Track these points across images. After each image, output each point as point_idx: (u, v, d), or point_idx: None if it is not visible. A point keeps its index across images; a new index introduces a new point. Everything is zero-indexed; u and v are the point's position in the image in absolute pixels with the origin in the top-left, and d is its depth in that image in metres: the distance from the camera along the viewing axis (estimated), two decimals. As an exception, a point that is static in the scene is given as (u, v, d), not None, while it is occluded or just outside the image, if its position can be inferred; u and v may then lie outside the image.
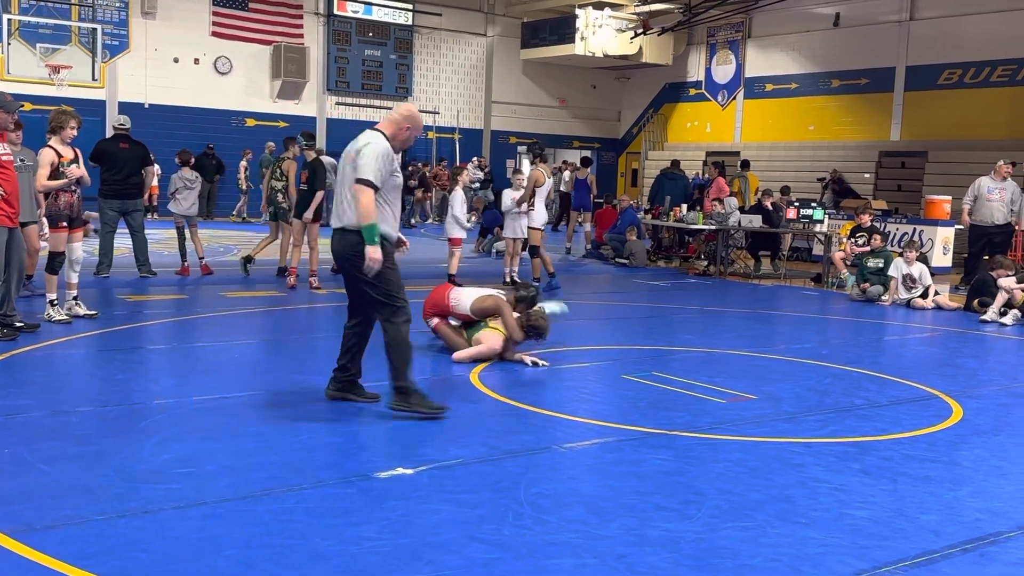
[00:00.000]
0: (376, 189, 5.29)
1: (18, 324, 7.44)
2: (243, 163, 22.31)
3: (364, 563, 3.45)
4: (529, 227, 11.85)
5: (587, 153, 26.16)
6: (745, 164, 21.09)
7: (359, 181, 5.27)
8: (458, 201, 11.69)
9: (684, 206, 16.01)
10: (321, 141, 23.78)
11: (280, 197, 11.71)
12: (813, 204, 15.49)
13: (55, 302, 8.16)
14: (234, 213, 22.45)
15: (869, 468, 4.88)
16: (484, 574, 3.40)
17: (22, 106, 7.92)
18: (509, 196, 12.03)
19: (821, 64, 24.15)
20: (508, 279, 11.83)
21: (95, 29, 19.78)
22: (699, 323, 10.11)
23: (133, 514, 3.81)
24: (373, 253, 5.23)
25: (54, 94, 19.17)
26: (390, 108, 25.84)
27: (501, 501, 4.14)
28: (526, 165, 23.20)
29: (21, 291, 8.11)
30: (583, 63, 27.07)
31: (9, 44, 18.82)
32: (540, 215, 11.88)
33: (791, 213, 14.83)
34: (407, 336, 5.47)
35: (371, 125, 5.61)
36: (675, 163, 19.00)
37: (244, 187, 22.38)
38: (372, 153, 5.32)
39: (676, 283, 13.51)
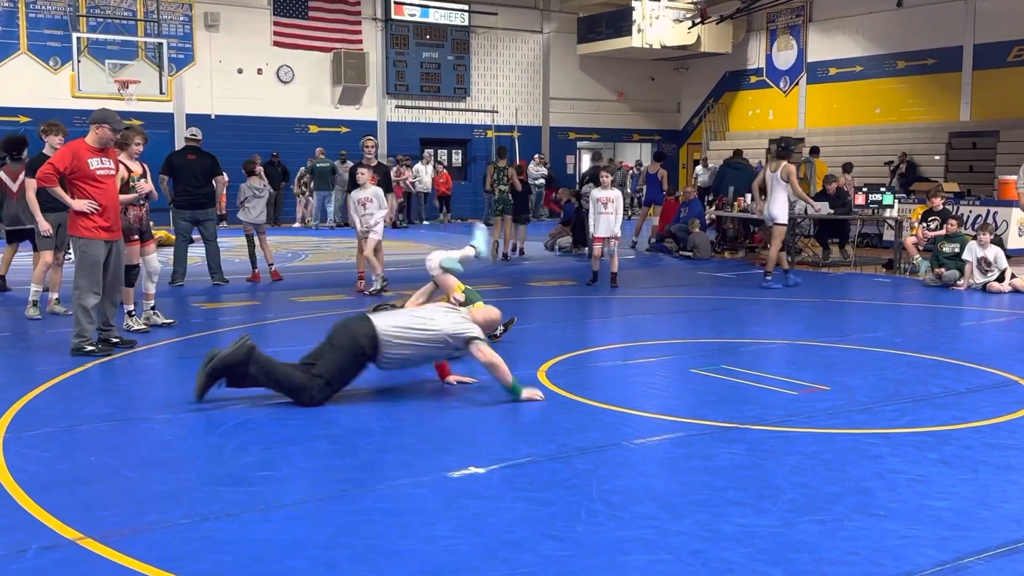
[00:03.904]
0: None
1: (114, 340, 7.62)
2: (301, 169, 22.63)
3: (441, 562, 3.50)
4: (777, 223, 11.66)
5: (659, 148, 25.99)
6: (815, 150, 20.76)
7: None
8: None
9: (748, 196, 15.80)
10: (383, 145, 24.05)
11: (510, 197, 14.82)
12: (882, 188, 15.17)
13: (133, 312, 8.40)
14: (299, 220, 22.77)
15: (948, 458, 4.79)
16: (559, 571, 3.43)
17: (128, 124, 8.17)
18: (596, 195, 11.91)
19: (885, 46, 23.63)
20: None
21: (161, 44, 20.26)
22: (767, 314, 9.99)
23: (216, 517, 3.92)
24: None
25: (124, 108, 19.66)
26: (449, 109, 26.21)
27: (573, 498, 4.16)
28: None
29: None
30: (641, 55, 26.89)
31: (79, 62, 19.36)
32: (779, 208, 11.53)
33: (859, 199, 14.54)
34: None
35: (431, 126, 5.71)
36: (738, 152, 18.77)
37: (299, 191, 22.63)
38: None
39: (742, 274, 13.36)
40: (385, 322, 5.84)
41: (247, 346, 5.66)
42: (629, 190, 23.45)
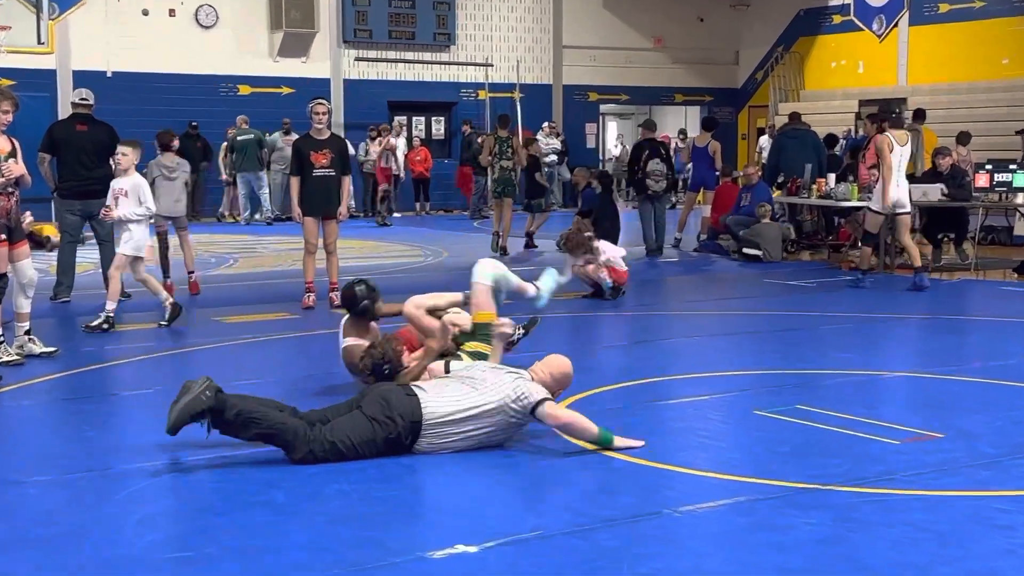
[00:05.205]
0: None
1: None
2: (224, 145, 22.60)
3: (418, 673, 3.50)
4: (870, 209, 12.77)
5: (710, 113, 25.99)
6: (919, 114, 20.80)
7: None
8: None
9: (832, 176, 15.79)
10: (338, 110, 24.07)
11: (513, 176, 16.19)
12: (1012, 166, 15.18)
13: (2, 339, 8.38)
14: (223, 212, 22.87)
15: (1104, 528, 4.79)
16: None
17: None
18: None
19: (1016, -28, 23.74)
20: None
21: (39, -23, 20.34)
22: (858, 336, 9.99)
23: (114, 615, 3.92)
24: None
25: (-10, 64, 19.76)
26: (427, 62, 26.26)
27: (598, 586, 4.16)
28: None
29: None
30: (685, -12, 27.05)
31: (-71, 2, 19.46)
32: (896, 194, 12.42)
33: (982, 179, 14.55)
34: None
35: (404, 85, 5.70)
36: (795, 116, 18.70)
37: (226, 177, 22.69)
38: None
39: (824, 282, 13.37)
40: (437, 404, 5.83)
41: (211, 391, 5.62)
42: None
